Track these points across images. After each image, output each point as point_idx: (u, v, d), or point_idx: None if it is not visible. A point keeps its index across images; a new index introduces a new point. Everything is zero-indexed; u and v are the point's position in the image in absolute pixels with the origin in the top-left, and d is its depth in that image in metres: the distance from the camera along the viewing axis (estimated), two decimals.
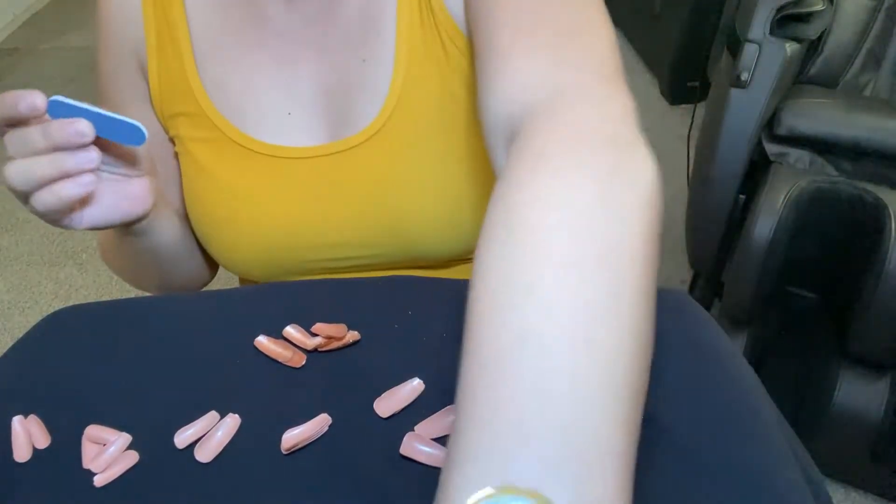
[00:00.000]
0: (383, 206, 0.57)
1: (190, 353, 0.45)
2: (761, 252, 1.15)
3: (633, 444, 0.27)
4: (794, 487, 0.37)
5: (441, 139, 0.58)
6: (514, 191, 0.32)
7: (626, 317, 0.28)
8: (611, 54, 0.43)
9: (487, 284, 0.29)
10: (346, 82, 0.57)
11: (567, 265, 0.28)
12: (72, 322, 0.49)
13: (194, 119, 0.58)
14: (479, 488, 0.24)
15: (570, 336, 0.27)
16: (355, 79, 0.57)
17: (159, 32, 0.58)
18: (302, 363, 0.44)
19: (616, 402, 0.27)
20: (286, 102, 0.58)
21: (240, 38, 0.57)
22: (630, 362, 0.28)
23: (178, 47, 0.57)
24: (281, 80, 0.58)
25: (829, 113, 1.23)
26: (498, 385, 0.26)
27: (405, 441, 0.38)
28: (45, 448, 0.40)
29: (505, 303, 0.28)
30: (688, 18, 2.27)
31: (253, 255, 0.61)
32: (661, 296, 0.50)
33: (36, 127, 0.44)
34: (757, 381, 0.44)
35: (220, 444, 0.39)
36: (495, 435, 0.25)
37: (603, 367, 0.27)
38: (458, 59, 0.56)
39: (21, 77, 2.83)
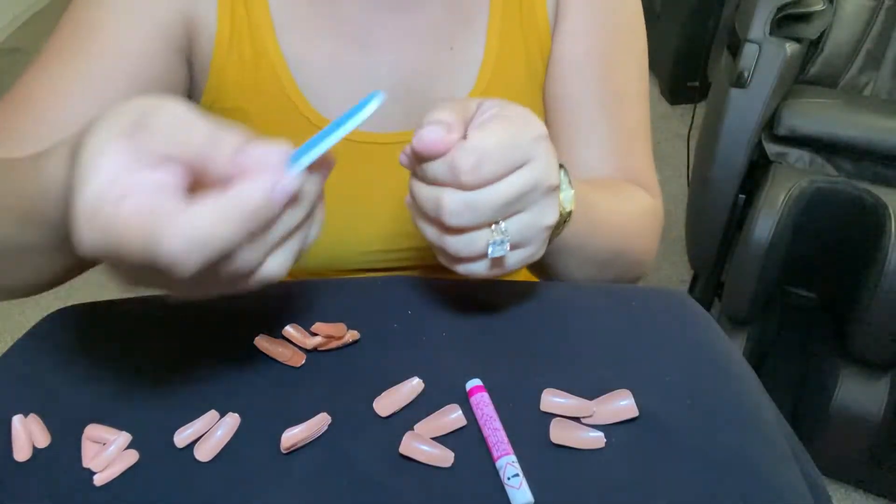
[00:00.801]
0: None
1: (189, 353, 0.45)
2: (761, 252, 1.15)
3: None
4: (794, 487, 0.37)
5: None
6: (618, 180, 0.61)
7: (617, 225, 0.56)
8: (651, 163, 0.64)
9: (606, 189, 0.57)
10: (429, 70, 0.58)
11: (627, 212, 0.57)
12: (72, 322, 0.49)
13: (272, 98, 0.56)
14: None
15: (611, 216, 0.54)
16: (440, 67, 0.58)
17: (234, 11, 0.55)
18: (301, 363, 0.44)
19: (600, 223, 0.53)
20: (366, 87, 0.57)
21: (322, 16, 0.56)
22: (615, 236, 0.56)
23: (257, 23, 0.55)
24: (362, 64, 0.57)
25: (829, 113, 1.23)
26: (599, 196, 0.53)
27: (404, 440, 0.38)
28: (45, 447, 0.40)
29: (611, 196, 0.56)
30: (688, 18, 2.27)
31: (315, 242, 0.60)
32: (661, 296, 0.50)
33: None
34: (756, 380, 0.44)
35: (220, 444, 0.39)
36: None
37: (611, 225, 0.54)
38: (539, 55, 0.59)
39: None
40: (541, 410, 0.40)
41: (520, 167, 0.38)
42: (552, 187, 0.40)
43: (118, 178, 0.30)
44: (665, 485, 0.36)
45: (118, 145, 0.30)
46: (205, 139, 0.31)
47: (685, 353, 0.44)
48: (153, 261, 0.30)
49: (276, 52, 0.56)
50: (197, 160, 0.31)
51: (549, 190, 0.40)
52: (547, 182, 0.39)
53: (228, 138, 0.31)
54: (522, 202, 0.39)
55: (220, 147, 0.31)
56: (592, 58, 0.59)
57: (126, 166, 0.30)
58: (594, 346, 0.45)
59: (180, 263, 0.29)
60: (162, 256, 0.29)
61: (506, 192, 0.38)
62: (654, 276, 1.83)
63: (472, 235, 0.39)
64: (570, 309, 0.48)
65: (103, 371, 0.44)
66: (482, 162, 0.37)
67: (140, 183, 0.30)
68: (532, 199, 0.39)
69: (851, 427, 1.17)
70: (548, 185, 0.39)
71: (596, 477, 0.37)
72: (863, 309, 1.07)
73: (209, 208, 0.30)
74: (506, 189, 0.38)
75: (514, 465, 0.36)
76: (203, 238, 0.29)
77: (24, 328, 0.49)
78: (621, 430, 0.39)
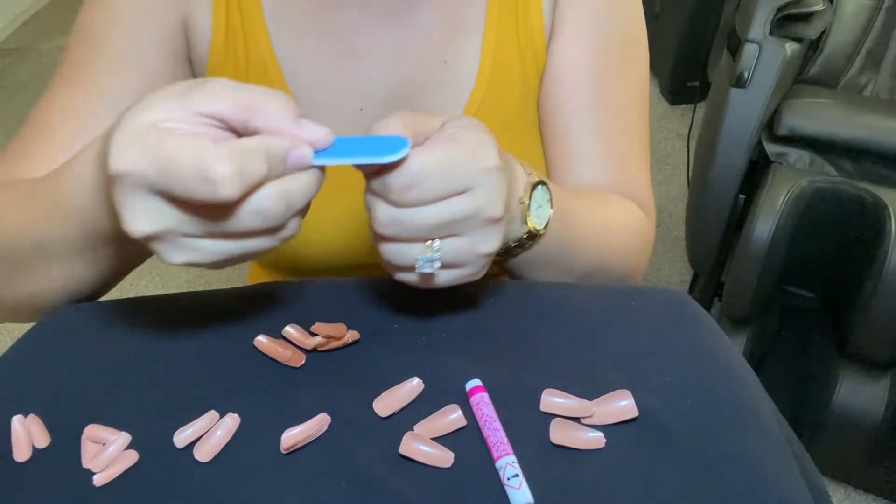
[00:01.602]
0: None
1: (189, 353, 0.45)
2: (761, 252, 1.15)
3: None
4: (794, 487, 0.37)
5: (517, 141, 0.59)
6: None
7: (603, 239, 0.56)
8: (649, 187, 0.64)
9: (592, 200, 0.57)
10: (423, 82, 0.58)
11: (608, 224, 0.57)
12: (72, 322, 0.49)
13: None
14: None
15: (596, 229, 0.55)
16: (434, 79, 0.58)
17: (230, 20, 0.56)
18: (301, 363, 0.44)
19: (588, 236, 0.54)
20: (359, 97, 0.58)
21: (316, 28, 0.56)
22: (594, 252, 0.55)
23: (251, 32, 0.55)
24: (355, 75, 0.57)
25: (829, 113, 1.23)
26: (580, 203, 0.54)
27: (404, 440, 0.38)
28: (45, 447, 0.40)
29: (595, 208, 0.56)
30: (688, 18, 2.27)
31: (308, 251, 0.60)
32: (661, 296, 0.50)
33: None
34: (756, 381, 0.44)
35: (220, 444, 0.39)
36: None
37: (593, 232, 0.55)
38: (534, 68, 0.59)
39: (21, 77, 2.83)
40: (541, 410, 0.40)
41: (457, 194, 0.37)
42: (493, 219, 0.39)
43: (169, 117, 0.33)
44: (665, 485, 0.36)
45: (168, 103, 0.33)
46: (258, 95, 0.34)
47: (685, 353, 0.44)
48: (203, 177, 0.31)
49: (271, 60, 0.56)
50: (247, 113, 0.34)
51: (490, 221, 0.39)
52: (487, 213, 0.38)
53: (286, 100, 0.35)
54: (457, 227, 0.38)
55: (274, 103, 0.34)
56: (588, 71, 0.59)
57: (176, 115, 0.33)
58: (594, 346, 0.45)
59: (227, 182, 0.31)
60: (211, 171, 0.31)
61: (436, 215, 0.37)
62: (654, 276, 1.83)
63: (403, 247, 0.39)
64: (569, 309, 0.48)
65: (103, 371, 0.44)
66: (413, 184, 0.36)
67: (191, 122, 0.33)
68: (469, 227, 0.39)
69: (851, 427, 1.17)
70: (488, 216, 0.38)
71: (596, 477, 0.37)
72: (863, 309, 1.07)
73: (250, 141, 0.33)
74: (436, 213, 0.37)
75: (514, 466, 0.36)
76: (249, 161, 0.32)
77: (24, 328, 0.49)
78: (621, 431, 0.39)
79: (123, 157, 0.32)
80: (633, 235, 0.59)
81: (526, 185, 0.46)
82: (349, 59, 0.57)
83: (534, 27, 0.58)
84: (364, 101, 0.57)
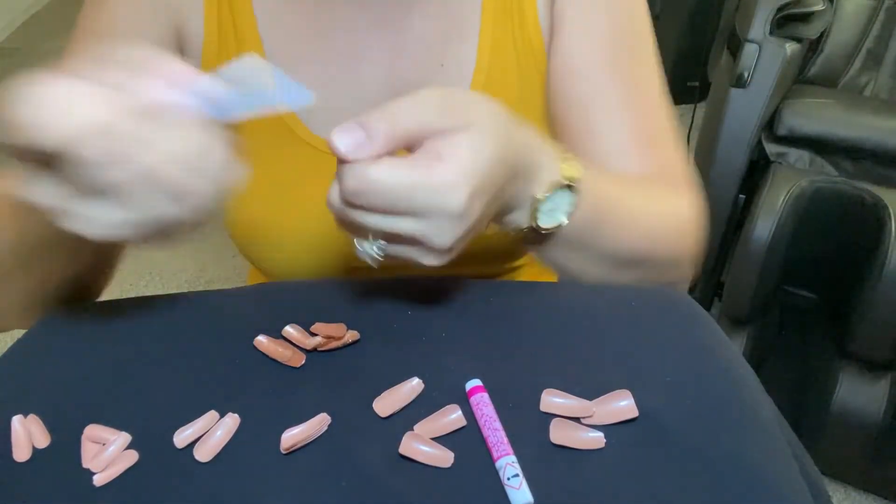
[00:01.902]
0: None
1: (189, 353, 0.45)
2: (761, 252, 1.15)
3: None
4: (794, 487, 0.37)
5: None
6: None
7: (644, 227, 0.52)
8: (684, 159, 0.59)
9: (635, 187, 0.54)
10: (419, 85, 0.57)
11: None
12: (71, 322, 0.49)
13: None
14: None
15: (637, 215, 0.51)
16: (430, 82, 0.57)
17: (221, 24, 0.55)
18: (301, 363, 0.44)
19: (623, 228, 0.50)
20: (354, 102, 0.57)
21: (309, 32, 0.56)
22: (637, 235, 0.51)
23: (244, 37, 0.55)
24: (350, 80, 0.57)
25: (829, 113, 1.23)
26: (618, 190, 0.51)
27: (404, 440, 0.38)
28: (45, 448, 0.40)
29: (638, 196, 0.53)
30: (688, 18, 2.27)
31: (301, 256, 0.60)
32: (661, 296, 0.50)
33: None
34: (756, 381, 0.44)
35: (220, 444, 0.39)
36: None
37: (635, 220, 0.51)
38: (535, 70, 0.58)
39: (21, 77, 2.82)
40: (541, 410, 0.40)
41: (403, 215, 0.37)
42: (439, 249, 0.38)
43: None
44: (665, 485, 0.36)
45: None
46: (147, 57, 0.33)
47: (685, 353, 0.44)
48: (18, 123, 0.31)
49: None
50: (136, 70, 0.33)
51: (432, 250, 0.38)
52: (432, 243, 0.38)
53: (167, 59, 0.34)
54: (400, 240, 0.38)
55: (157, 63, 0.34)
56: (600, 57, 0.58)
57: None
58: (594, 346, 0.45)
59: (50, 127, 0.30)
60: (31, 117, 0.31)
61: (377, 224, 0.37)
62: None
63: (349, 228, 0.40)
64: (570, 309, 0.48)
65: (103, 371, 0.44)
66: (362, 191, 0.36)
67: None
68: (412, 244, 0.38)
69: (851, 427, 1.17)
70: (432, 245, 0.38)
71: (596, 477, 0.37)
72: (863, 309, 1.07)
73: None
74: (377, 222, 0.37)
75: (514, 466, 0.36)
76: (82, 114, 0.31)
77: (24, 328, 0.49)
78: (621, 431, 0.39)
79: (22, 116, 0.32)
80: (679, 223, 0.56)
81: (550, 183, 0.43)
82: (343, 63, 0.57)
83: (530, 28, 0.58)
84: (359, 107, 0.57)
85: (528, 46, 0.58)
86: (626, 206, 0.51)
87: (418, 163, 0.36)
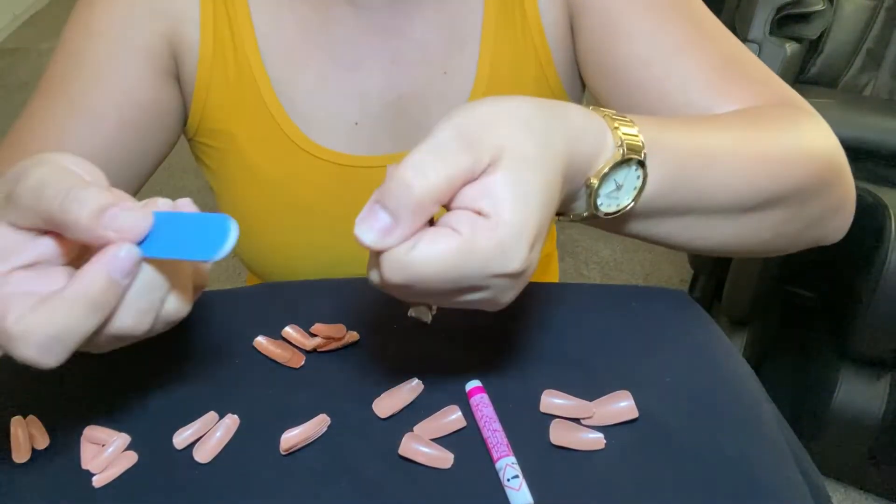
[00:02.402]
0: None
1: (189, 354, 0.45)
2: None
3: None
4: (794, 487, 0.37)
5: None
6: None
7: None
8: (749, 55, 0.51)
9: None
10: (421, 94, 0.57)
11: None
12: None
13: (256, 119, 0.56)
14: None
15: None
16: (432, 91, 0.57)
17: (218, 31, 0.55)
18: (301, 364, 0.44)
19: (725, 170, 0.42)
20: (354, 111, 0.57)
21: (308, 38, 0.56)
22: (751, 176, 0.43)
23: (242, 44, 0.55)
24: (350, 88, 0.56)
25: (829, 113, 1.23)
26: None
27: (404, 441, 0.38)
28: (44, 449, 0.40)
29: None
30: None
31: (297, 262, 0.59)
32: (661, 296, 0.50)
33: None
34: (756, 381, 0.44)
35: (219, 445, 0.39)
36: None
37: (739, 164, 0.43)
38: (540, 73, 0.57)
39: (21, 77, 2.83)
40: (540, 411, 0.40)
41: (464, 292, 0.32)
42: (502, 304, 0.34)
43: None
44: (665, 486, 0.36)
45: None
46: (55, 209, 0.29)
47: (685, 353, 0.44)
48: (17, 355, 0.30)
49: (260, 73, 0.55)
50: (58, 229, 0.30)
51: (497, 305, 0.34)
52: (495, 301, 0.33)
53: (85, 202, 0.30)
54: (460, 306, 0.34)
55: (73, 215, 0.29)
56: (637, 6, 0.51)
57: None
58: (594, 346, 0.45)
59: (42, 362, 0.30)
60: (22, 358, 0.30)
61: (435, 303, 0.34)
62: (654, 276, 1.83)
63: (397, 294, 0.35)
64: (570, 309, 0.48)
65: (103, 372, 0.44)
66: (411, 285, 0.31)
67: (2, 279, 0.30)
68: (472, 307, 0.34)
69: (851, 427, 1.17)
70: (496, 302, 0.34)
71: (596, 478, 0.37)
72: (863, 309, 1.07)
73: (57, 305, 0.29)
74: (436, 302, 0.34)
75: (514, 467, 0.36)
76: (57, 335, 0.30)
77: None
78: (621, 432, 0.39)
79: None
80: (801, 145, 0.45)
81: (606, 161, 0.36)
82: (343, 72, 0.56)
83: (532, 26, 0.57)
84: (359, 116, 0.57)
85: (532, 46, 0.57)
86: (721, 147, 0.42)
87: (461, 230, 0.30)
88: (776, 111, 0.47)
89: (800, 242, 0.49)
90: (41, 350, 0.30)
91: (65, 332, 0.30)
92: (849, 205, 0.50)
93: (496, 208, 0.30)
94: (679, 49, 0.49)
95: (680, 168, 0.40)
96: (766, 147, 0.44)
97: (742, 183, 0.42)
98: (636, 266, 1.87)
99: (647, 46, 0.50)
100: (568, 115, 0.35)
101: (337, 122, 0.57)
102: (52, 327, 0.29)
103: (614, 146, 0.36)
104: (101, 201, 0.30)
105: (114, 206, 0.30)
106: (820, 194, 0.46)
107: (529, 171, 0.31)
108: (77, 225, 0.29)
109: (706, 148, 0.41)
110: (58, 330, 0.30)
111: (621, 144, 0.36)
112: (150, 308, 0.32)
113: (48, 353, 0.30)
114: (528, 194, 0.31)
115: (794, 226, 0.46)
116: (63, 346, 0.30)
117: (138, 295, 0.32)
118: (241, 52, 0.55)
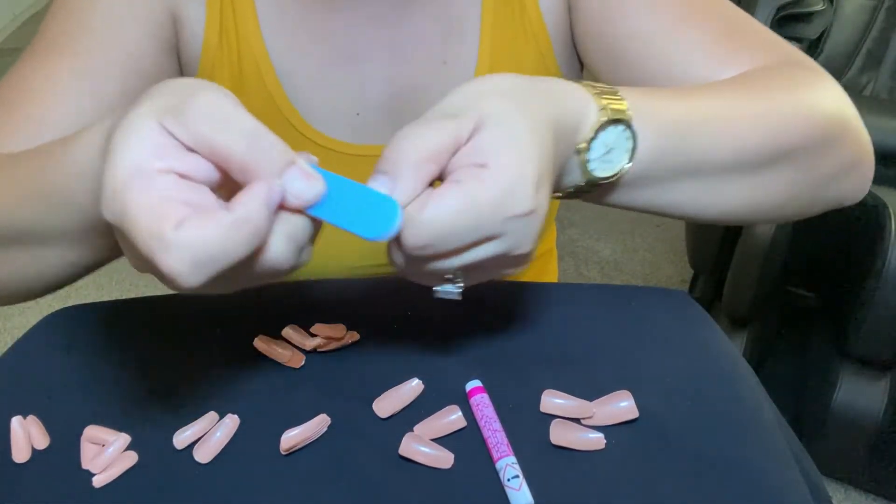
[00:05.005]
0: None
1: (189, 354, 0.45)
2: (761, 252, 1.15)
3: None
4: (794, 487, 0.37)
5: None
6: None
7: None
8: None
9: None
10: (422, 84, 0.57)
11: None
12: (71, 322, 0.49)
13: (259, 106, 0.55)
14: None
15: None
16: (433, 81, 0.57)
17: (223, 19, 0.54)
18: (301, 364, 0.44)
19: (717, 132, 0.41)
20: (355, 101, 0.57)
21: (310, 29, 0.56)
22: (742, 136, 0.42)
23: (246, 33, 0.55)
24: (351, 77, 0.57)
25: None
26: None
27: (404, 441, 0.38)
28: (44, 449, 0.40)
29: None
30: None
31: None
32: (661, 296, 0.50)
33: None
34: (756, 381, 0.44)
35: (219, 445, 0.39)
36: None
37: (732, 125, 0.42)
38: (539, 60, 0.57)
39: None
40: (541, 411, 0.40)
41: (482, 242, 0.33)
42: (522, 255, 0.35)
43: (145, 163, 0.29)
44: (665, 486, 0.36)
45: (153, 125, 0.30)
46: (240, 150, 0.29)
47: (685, 353, 0.44)
48: (154, 268, 0.29)
49: (264, 60, 0.55)
50: (228, 165, 0.30)
51: (518, 258, 0.35)
52: (515, 253, 0.34)
53: (271, 154, 0.30)
54: (482, 265, 0.35)
55: (259, 164, 0.29)
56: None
57: (154, 151, 0.29)
58: (594, 346, 0.45)
59: (182, 280, 0.29)
60: (161, 270, 0.29)
61: (458, 263, 0.34)
62: (654, 276, 1.83)
63: (422, 278, 0.36)
64: (569, 309, 0.48)
65: (103, 372, 0.44)
66: (429, 245, 0.32)
67: (160, 177, 0.29)
68: (495, 263, 0.35)
69: (851, 427, 1.17)
70: (516, 255, 0.34)
71: (596, 478, 0.37)
72: (863, 309, 1.07)
73: (213, 228, 0.28)
74: (457, 262, 0.34)
75: (514, 467, 0.36)
76: (214, 254, 0.28)
77: (24, 328, 0.49)
78: (621, 432, 0.39)
79: (106, 210, 0.30)
80: (802, 101, 0.45)
81: (591, 126, 0.37)
82: (343, 62, 0.56)
83: (531, 14, 0.57)
84: (360, 106, 0.57)
85: (531, 33, 0.57)
86: (713, 107, 0.42)
87: (466, 181, 0.32)
88: (774, 70, 0.47)
89: (816, 204, 0.49)
90: (194, 266, 0.28)
91: (221, 252, 0.28)
92: (866, 163, 0.49)
93: (492, 158, 0.32)
94: (679, 22, 0.49)
95: (672, 129, 0.40)
96: (761, 103, 0.43)
97: (738, 141, 0.42)
98: (636, 266, 1.87)
99: (647, 22, 0.50)
100: (549, 84, 0.37)
101: (338, 111, 0.57)
102: (213, 245, 0.28)
103: (598, 110, 0.37)
104: (287, 156, 0.30)
105: (293, 166, 0.30)
106: (827, 151, 0.45)
107: (514, 121, 0.33)
108: (257, 174, 0.29)
109: (697, 109, 0.42)
110: (217, 249, 0.28)
111: (605, 108, 0.37)
112: (298, 248, 0.32)
113: (199, 272, 0.28)
114: (519, 138, 0.32)
115: (806, 186, 0.46)
116: (215, 267, 0.29)
117: (291, 237, 0.31)
118: (244, 39, 0.55)
